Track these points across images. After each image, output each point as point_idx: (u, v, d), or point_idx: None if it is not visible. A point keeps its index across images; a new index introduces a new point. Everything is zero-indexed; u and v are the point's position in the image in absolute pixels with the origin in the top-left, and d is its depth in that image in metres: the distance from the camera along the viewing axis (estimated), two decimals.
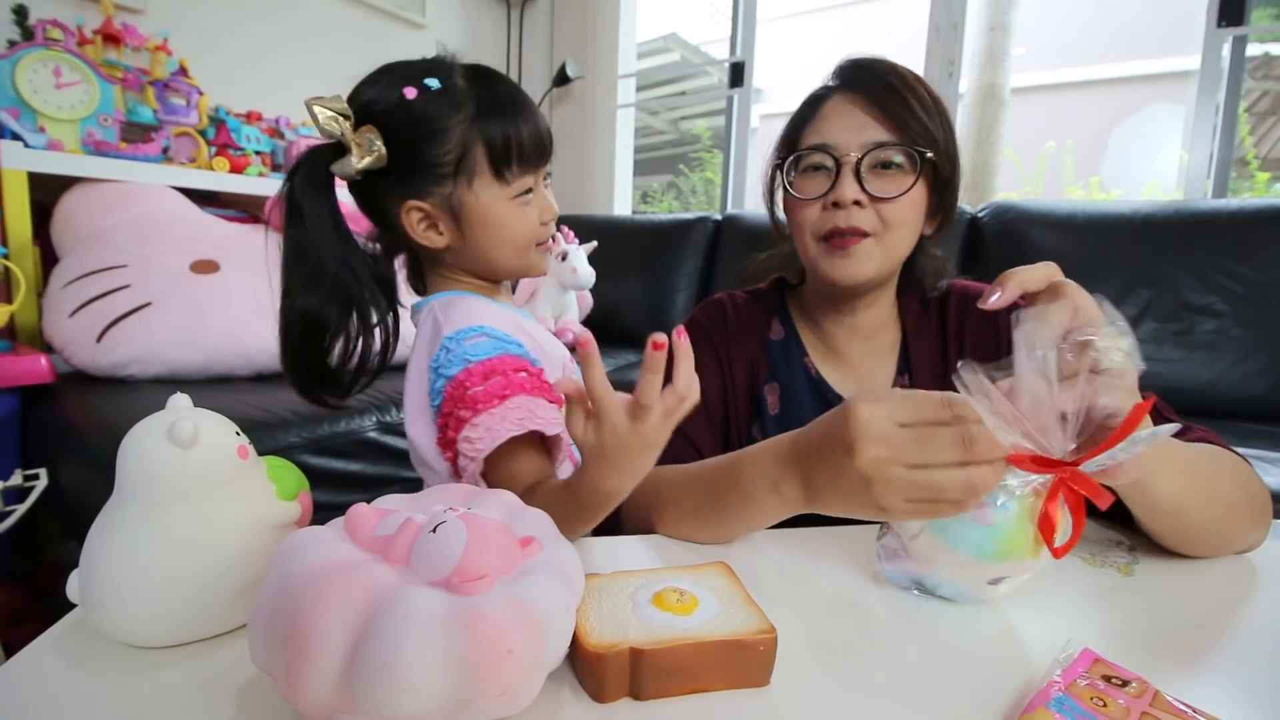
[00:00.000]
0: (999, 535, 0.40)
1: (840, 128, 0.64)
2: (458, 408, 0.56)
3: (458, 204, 0.61)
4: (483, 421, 0.54)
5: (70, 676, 0.34)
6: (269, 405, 1.19)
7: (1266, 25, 2.22)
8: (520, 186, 0.62)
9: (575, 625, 0.33)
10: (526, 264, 0.66)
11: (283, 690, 0.27)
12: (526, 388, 0.56)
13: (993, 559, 0.40)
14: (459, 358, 0.58)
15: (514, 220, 0.63)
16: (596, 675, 0.32)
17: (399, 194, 0.61)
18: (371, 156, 0.57)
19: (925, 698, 0.34)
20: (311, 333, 0.60)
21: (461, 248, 0.63)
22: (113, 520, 0.36)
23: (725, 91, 2.68)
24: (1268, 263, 1.43)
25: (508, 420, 0.54)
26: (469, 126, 0.59)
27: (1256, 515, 0.52)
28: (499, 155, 0.60)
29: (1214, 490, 0.50)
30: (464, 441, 0.55)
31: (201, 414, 0.38)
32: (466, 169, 0.60)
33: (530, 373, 0.58)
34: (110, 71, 1.56)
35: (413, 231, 0.62)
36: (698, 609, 0.36)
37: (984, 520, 0.40)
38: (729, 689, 0.33)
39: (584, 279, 2.07)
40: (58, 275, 1.36)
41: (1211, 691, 0.35)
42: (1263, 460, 1.10)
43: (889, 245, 0.65)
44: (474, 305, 0.63)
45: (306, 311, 0.59)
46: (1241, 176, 4.63)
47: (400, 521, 0.30)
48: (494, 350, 0.58)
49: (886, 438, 0.39)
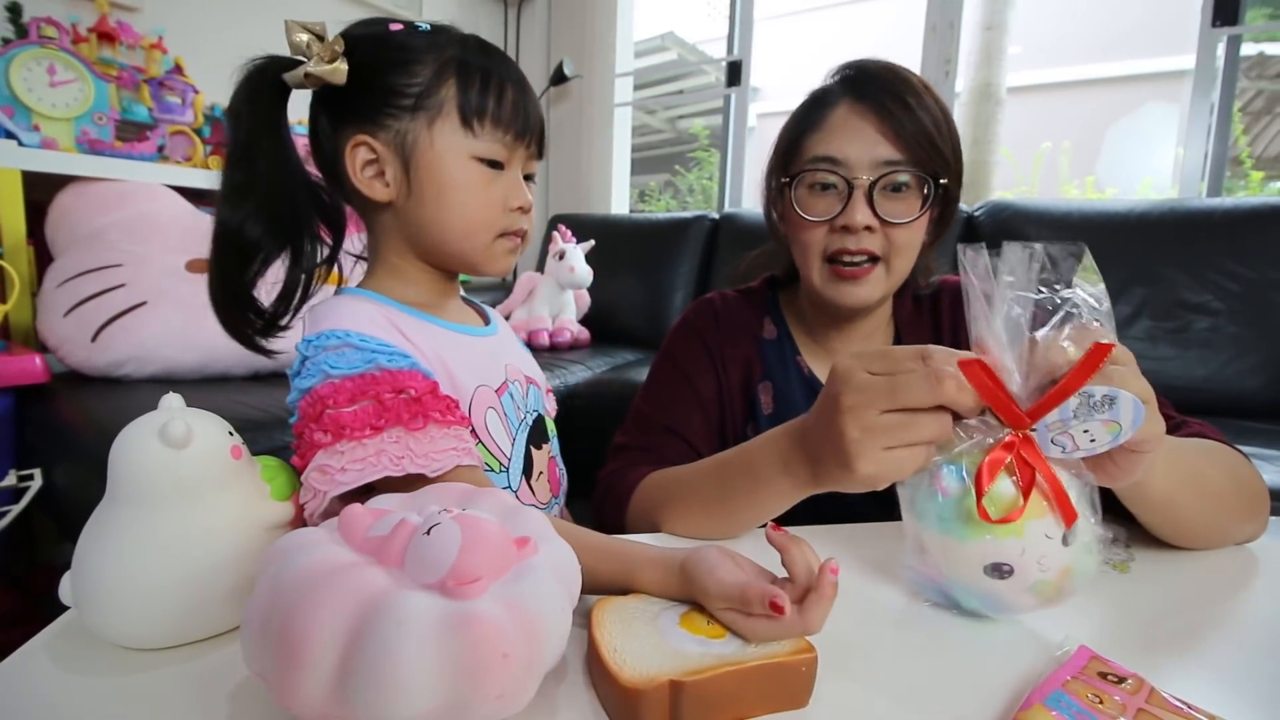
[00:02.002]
0: (955, 504, 0.39)
1: (850, 142, 0.61)
2: (314, 429, 0.46)
3: (410, 145, 0.53)
4: (348, 451, 0.44)
5: (63, 679, 0.34)
6: (266, 405, 1.18)
7: (1261, 25, 2.22)
8: (488, 149, 0.54)
9: (603, 658, 0.32)
10: (478, 250, 0.56)
11: (276, 694, 0.27)
12: (404, 418, 0.46)
13: (961, 533, 0.39)
14: (317, 369, 0.48)
15: (472, 185, 0.54)
16: (635, 712, 0.30)
17: (349, 126, 0.53)
18: (329, 65, 0.50)
19: (921, 694, 0.34)
20: (238, 253, 0.52)
21: (405, 208, 0.55)
22: (105, 521, 0.36)
23: (723, 90, 2.68)
24: (1262, 261, 1.43)
25: (384, 454, 0.45)
26: (445, 64, 0.53)
27: (1252, 508, 0.52)
28: (474, 100, 0.52)
29: (1207, 484, 0.50)
30: (316, 470, 0.44)
31: (194, 414, 0.38)
32: (431, 105, 0.52)
33: (415, 392, 0.48)
34: (105, 70, 1.55)
35: (355, 177, 0.53)
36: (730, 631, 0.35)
37: (941, 488, 0.39)
38: (770, 713, 0.32)
39: (581, 278, 2.07)
40: (52, 274, 1.35)
41: (1208, 688, 0.35)
42: (1259, 457, 1.11)
43: (895, 268, 0.64)
44: (347, 304, 0.53)
45: (226, 224, 0.51)
46: (1236, 175, 4.64)
47: (394, 523, 0.30)
48: (363, 364, 0.48)
49: (863, 385, 0.40)
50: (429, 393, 0.48)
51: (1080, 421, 0.36)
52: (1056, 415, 0.36)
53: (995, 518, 0.37)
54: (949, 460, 0.39)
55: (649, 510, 0.59)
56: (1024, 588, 0.39)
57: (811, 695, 0.33)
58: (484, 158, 0.54)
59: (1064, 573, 0.39)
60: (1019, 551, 0.38)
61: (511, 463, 0.59)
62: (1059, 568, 0.38)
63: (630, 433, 0.71)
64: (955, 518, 0.39)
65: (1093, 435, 0.36)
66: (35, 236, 1.43)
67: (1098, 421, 0.36)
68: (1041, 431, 0.37)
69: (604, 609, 0.36)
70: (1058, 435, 0.37)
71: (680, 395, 0.72)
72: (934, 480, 0.40)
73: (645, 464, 0.65)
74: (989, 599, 0.40)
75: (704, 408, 0.71)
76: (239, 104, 0.52)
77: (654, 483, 0.61)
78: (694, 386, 0.71)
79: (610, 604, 0.37)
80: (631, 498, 0.61)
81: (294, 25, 0.50)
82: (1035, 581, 0.38)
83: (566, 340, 2.06)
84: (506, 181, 0.56)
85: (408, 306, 0.56)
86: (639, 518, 0.60)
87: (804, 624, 0.34)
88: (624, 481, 0.63)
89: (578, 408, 1.61)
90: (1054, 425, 0.37)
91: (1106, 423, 0.36)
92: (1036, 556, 0.38)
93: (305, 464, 0.46)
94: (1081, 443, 0.37)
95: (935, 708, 0.33)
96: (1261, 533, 0.54)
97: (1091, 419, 0.36)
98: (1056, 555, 0.38)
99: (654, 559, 0.40)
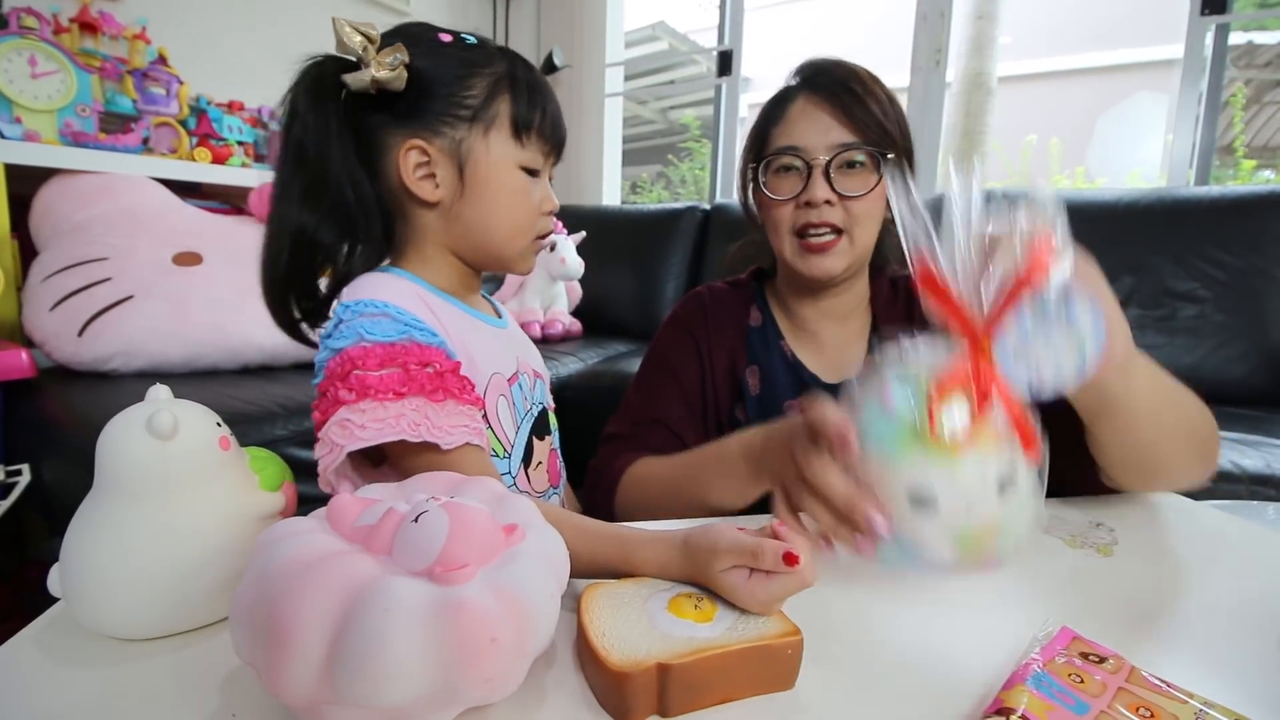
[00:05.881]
0: (898, 421, 0.36)
1: (808, 130, 0.68)
2: (340, 386, 0.47)
3: (467, 152, 0.55)
4: (370, 409, 0.46)
5: (52, 670, 0.34)
6: (255, 398, 1.18)
7: (1250, 13, 2.23)
8: (532, 159, 0.58)
9: (591, 642, 0.32)
10: (519, 251, 0.60)
11: (266, 682, 0.27)
12: (427, 389, 0.48)
13: (895, 451, 0.36)
14: (352, 331, 0.50)
15: (518, 192, 0.58)
16: (622, 695, 0.30)
17: (403, 129, 0.55)
18: (392, 71, 0.52)
19: (905, 674, 0.35)
20: (303, 253, 0.54)
21: (454, 209, 0.57)
22: (92, 513, 0.36)
23: (713, 80, 2.67)
24: (1248, 249, 1.45)
25: (404, 419, 0.47)
26: (499, 80, 0.56)
27: (1211, 448, 0.55)
28: (523, 114, 0.57)
29: (1184, 409, 0.52)
30: (337, 424, 0.46)
31: (181, 405, 0.38)
32: (487, 117, 0.56)
33: (439, 368, 0.50)
34: (87, 60, 1.53)
35: (407, 177, 0.55)
36: (717, 614, 0.35)
37: (887, 402, 0.36)
38: (756, 695, 0.32)
39: (573, 269, 2.07)
40: (37, 268, 1.33)
41: (1185, 667, 0.36)
42: (1244, 443, 1.12)
43: (858, 238, 0.69)
44: (385, 280, 0.56)
45: (303, 228, 0.53)
46: (1227, 164, 4.67)
47: (382, 511, 0.30)
48: (396, 334, 0.50)
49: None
50: (451, 371, 0.51)
51: (1040, 334, 0.34)
52: (1013, 328, 0.34)
53: (943, 437, 0.34)
54: (900, 375, 0.37)
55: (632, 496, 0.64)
56: (946, 533, 0.35)
57: (797, 677, 0.33)
58: (527, 166, 0.58)
59: (991, 529, 0.36)
60: (948, 482, 0.35)
61: (514, 450, 0.61)
62: (987, 519, 0.35)
63: (619, 423, 0.76)
64: (894, 435, 0.36)
65: (1058, 356, 0.34)
66: (19, 230, 1.42)
67: (1059, 333, 0.34)
68: (1002, 352, 0.35)
69: (592, 594, 0.36)
70: (1020, 357, 0.35)
71: (665, 386, 0.76)
72: (882, 395, 0.37)
73: (631, 451, 0.69)
74: (908, 545, 0.37)
75: (687, 398, 0.76)
76: (301, 106, 0.54)
77: (635, 474, 0.66)
78: (678, 378, 0.76)
79: (599, 589, 0.37)
80: (619, 486, 0.66)
81: (346, 26, 0.52)
82: (959, 529, 0.35)
83: (558, 332, 2.06)
84: (541, 187, 0.60)
85: (438, 290, 0.59)
86: (625, 504, 0.65)
87: (804, 578, 0.35)
88: (610, 470, 0.67)
89: (570, 400, 1.61)
90: (1013, 341, 0.34)
91: (1069, 335, 0.34)
92: (966, 495, 0.35)
93: (324, 419, 0.48)
94: (1047, 368, 0.35)
95: (919, 688, 0.34)
96: (1202, 480, 0.55)
97: (1049, 326, 0.34)
98: (988, 504, 0.35)
99: (653, 538, 0.41)
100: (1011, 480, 0.35)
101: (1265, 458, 1.07)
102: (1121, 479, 0.55)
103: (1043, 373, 0.35)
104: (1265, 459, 1.06)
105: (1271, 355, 1.42)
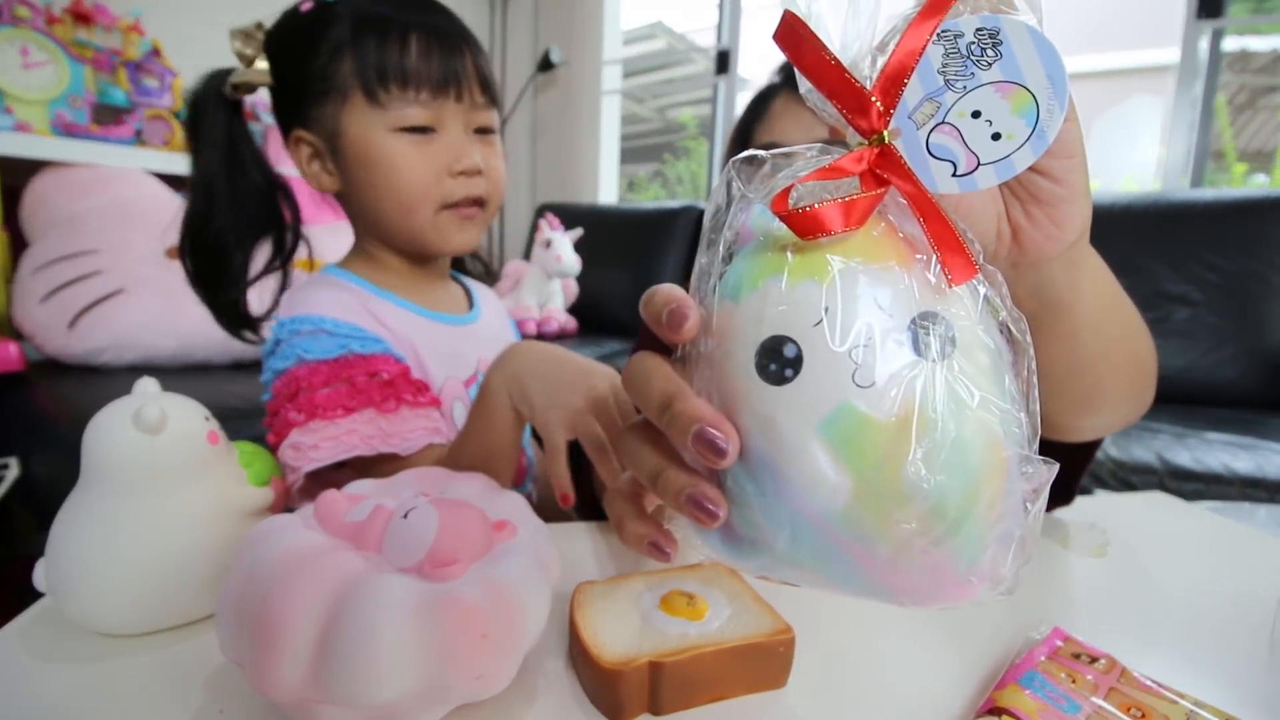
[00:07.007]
0: (755, 255, 0.23)
1: (789, 127, 0.68)
2: (289, 408, 0.47)
3: (331, 133, 0.51)
4: (320, 429, 0.46)
5: (37, 666, 0.33)
6: (247, 393, 1.17)
7: (1245, 18, 2.24)
8: (403, 117, 0.50)
9: (583, 639, 0.32)
10: (423, 227, 0.53)
11: (252, 680, 0.26)
12: (376, 400, 0.47)
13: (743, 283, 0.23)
14: (291, 352, 0.48)
15: (396, 159, 0.50)
16: (614, 693, 0.30)
17: (289, 123, 0.53)
18: (250, 70, 0.50)
19: (897, 674, 0.35)
20: (218, 255, 0.54)
21: (348, 196, 0.54)
22: (78, 507, 0.36)
23: (711, 79, 2.67)
24: (1241, 252, 1.46)
25: (355, 434, 0.46)
26: (341, 40, 0.50)
27: (1151, 379, 0.47)
28: (372, 70, 0.49)
29: (1130, 320, 0.43)
30: (290, 448, 0.46)
31: (169, 398, 0.38)
32: (334, 85, 0.50)
33: (388, 375, 0.48)
34: (80, 51, 1.52)
35: (303, 170, 0.53)
36: (709, 612, 0.34)
37: (744, 232, 0.25)
38: (748, 693, 0.32)
39: (568, 266, 2.07)
40: (28, 261, 1.33)
41: (1176, 668, 0.36)
42: (1234, 445, 1.13)
43: None
44: (322, 290, 0.53)
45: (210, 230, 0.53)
46: (1219, 169, 4.70)
47: (371, 508, 0.30)
48: (335, 350, 0.48)
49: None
50: (401, 375, 0.49)
51: (960, 92, 0.22)
52: (918, 86, 0.22)
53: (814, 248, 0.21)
54: (765, 197, 0.24)
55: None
56: (810, 416, 0.20)
57: (789, 675, 0.33)
58: (404, 126, 0.50)
59: (903, 420, 0.19)
60: (817, 310, 0.20)
61: None
62: (895, 387, 0.19)
63: None
64: (743, 272, 0.23)
65: (992, 122, 0.22)
66: (10, 222, 1.41)
67: (987, 86, 0.22)
68: (908, 130, 0.23)
69: (585, 591, 0.36)
70: (937, 135, 0.23)
71: None
72: (740, 224, 0.25)
73: None
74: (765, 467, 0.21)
75: None
76: (199, 114, 0.53)
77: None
78: None
79: (591, 586, 0.37)
80: None
81: (235, 41, 0.51)
82: (836, 406, 0.20)
83: (554, 329, 2.06)
84: (441, 146, 0.51)
85: (382, 290, 0.56)
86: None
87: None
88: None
89: None
90: (923, 110, 0.22)
91: (1004, 88, 0.22)
92: (851, 337, 0.20)
93: (279, 440, 0.47)
94: (980, 145, 0.22)
95: (911, 688, 0.34)
96: (1133, 418, 0.48)
97: (974, 78, 0.22)
98: (892, 357, 0.20)
99: (477, 409, 0.44)
100: (947, 338, 0.20)
101: (1257, 460, 1.07)
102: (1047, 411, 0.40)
103: (973, 150, 0.23)
104: (1257, 461, 1.07)
105: (1264, 358, 1.43)
